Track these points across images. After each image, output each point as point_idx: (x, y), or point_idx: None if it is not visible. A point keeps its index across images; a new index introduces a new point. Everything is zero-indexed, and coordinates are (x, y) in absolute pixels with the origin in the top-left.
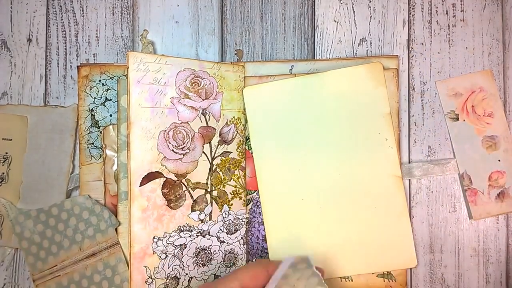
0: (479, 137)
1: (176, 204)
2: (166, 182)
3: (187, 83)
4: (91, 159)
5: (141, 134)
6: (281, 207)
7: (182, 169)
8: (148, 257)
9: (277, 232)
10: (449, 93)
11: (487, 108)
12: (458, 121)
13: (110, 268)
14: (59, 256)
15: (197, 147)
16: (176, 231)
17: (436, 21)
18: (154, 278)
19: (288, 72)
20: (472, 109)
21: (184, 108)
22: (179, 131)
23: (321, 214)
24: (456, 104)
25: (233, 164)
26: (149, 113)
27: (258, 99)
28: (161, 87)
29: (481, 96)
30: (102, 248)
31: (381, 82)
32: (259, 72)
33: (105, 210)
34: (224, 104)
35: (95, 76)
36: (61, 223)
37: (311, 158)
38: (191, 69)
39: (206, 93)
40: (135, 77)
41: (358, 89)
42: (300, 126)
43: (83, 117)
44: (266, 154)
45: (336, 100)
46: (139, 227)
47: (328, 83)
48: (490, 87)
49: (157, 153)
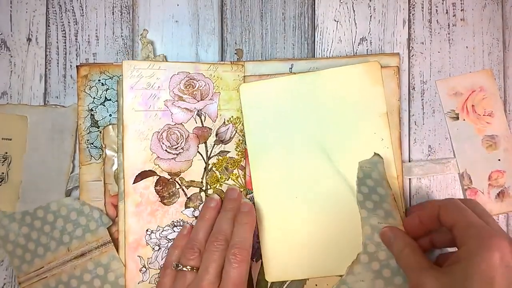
0: (479, 136)
1: (169, 200)
2: (159, 180)
3: (181, 86)
4: (91, 159)
5: (135, 136)
6: (275, 205)
7: (176, 168)
8: (141, 248)
9: (271, 231)
10: (449, 92)
11: (487, 107)
12: (458, 120)
13: (102, 266)
14: (45, 258)
15: (191, 147)
16: (169, 226)
17: (436, 21)
18: (148, 268)
19: (288, 71)
20: (472, 108)
21: (178, 110)
22: (173, 132)
23: (316, 213)
24: (456, 103)
25: (231, 163)
26: (143, 116)
27: (254, 96)
28: (154, 91)
29: (481, 96)
30: (92, 248)
31: (379, 81)
32: (259, 71)
33: (95, 210)
34: (221, 104)
35: (94, 75)
36: (47, 225)
37: (306, 156)
38: (186, 72)
39: (202, 95)
40: (128, 83)
41: (355, 88)
42: (296, 124)
43: (83, 117)
44: (260, 152)
45: (332, 99)
46: (133, 220)
47: (325, 81)
48: (490, 86)
49: (150, 153)
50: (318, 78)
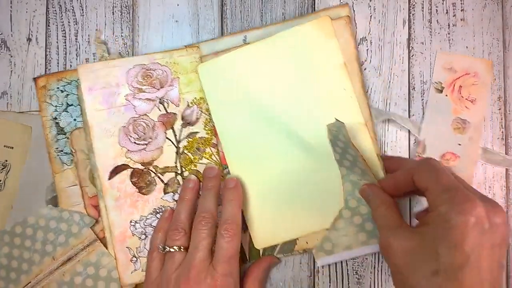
0: (452, 116)
1: (147, 189)
2: (134, 172)
3: (139, 78)
4: (63, 166)
5: (102, 134)
6: (251, 174)
7: (148, 158)
8: (128, 239)
9: (252, 200)
10: (445, 66)
11: (473, 93)
12: (441, 94)
13: (92, 265)
14: (31, 272)
15: (159, 134)
16: (152, 214)
17: (437, 21)
18: (138, 257)
19: (242, 43)
20: (459, 88)
21: (140, 102)
22: (139, 124)
23: (292, 174)
24: (446, 78)
25: (202, 143)
26: (106, 114)
27: (213, 74)
28: (114, 89)
29: (473, 81)
30: (79, 250)
31: (331, 35)
32: (214, 49)
33: (74, 213)
34: (182, 88)
35: (52, 84)
36: (27, 240)
37: (274, 122)
38: (141, 64)
39: (161, 82)
40: (86, 86)
41: (310, 45)
42: (258, 92)
43: (48, 127)
44: (228, 126)
45: (290, 61)
46: (115, 214)
47: (280, 45)
48: (485, 76)
49: (120, 148)
50: (273, 44)
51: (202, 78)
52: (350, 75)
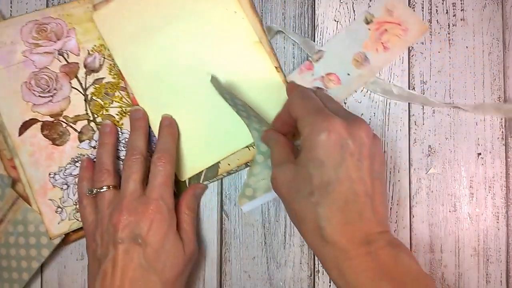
0: (361, 48)
1: (61, 140)
2: (44, 125)
3: (34, 34)
4: None
5: (4, 93)
6: (162, 110)
7: (56, 109)
8: (50, 191)
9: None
10: (388, 6)
11: (391, 43)
12: (367, 25)
13: (20, 223)
14: None
15: (64, 85)
16: (71, 163)
17: (436, 21)
18: (63, 207)
19: None
20: (383, 31)
21: (38, 56)
22: (40, 77)
23: (201, 104)
24: (380, 16)
25: (109, 87)
26: (6, 73)
27: (110, 20)
28: (8, 47)
29: (398, 33)
30: (6, 211)
31: None
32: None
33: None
34: (80, 38)
35: None
36: None
37: (179, 56)
38: (33, 20)
39: (57, 35)
40: None
41: None
42: (158, 31)
43: None
44: (133, 69)
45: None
46: (32, 170)
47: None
48: (411, 37)
49: (25, 103)
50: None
51: (99, 26)
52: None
